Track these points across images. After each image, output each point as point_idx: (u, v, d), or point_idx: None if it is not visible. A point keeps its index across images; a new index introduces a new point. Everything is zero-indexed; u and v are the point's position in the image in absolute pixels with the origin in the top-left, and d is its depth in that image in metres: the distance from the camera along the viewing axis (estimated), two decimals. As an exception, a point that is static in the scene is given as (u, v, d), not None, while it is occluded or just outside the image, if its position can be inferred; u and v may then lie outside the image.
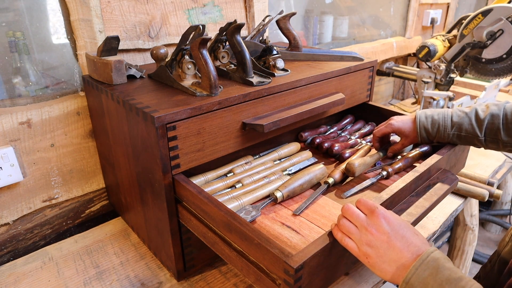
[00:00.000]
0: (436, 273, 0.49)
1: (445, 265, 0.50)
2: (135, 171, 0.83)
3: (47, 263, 0.93)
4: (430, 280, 0.48)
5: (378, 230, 0.55)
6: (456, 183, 0.84)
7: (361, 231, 0.56)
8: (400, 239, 0.54)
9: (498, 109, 0.82)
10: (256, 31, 1.08)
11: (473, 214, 1.49)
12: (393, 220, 0.56)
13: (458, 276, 0.48)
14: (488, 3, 2.73)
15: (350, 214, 0.58)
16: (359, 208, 0.59)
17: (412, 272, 0.50)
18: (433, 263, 0.50)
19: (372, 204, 0.58)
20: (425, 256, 0.51)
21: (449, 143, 0.89)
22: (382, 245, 0.54)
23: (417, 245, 0.53)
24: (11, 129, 0.89)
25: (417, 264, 0.50)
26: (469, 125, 0.84)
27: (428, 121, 0.88)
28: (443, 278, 0.48)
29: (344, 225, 0.58)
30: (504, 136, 0.81)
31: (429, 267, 0.50)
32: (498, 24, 1.52)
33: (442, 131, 0.86)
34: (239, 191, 0.82)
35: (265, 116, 0.84)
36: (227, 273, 0.88)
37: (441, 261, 0.50)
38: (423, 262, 0.50)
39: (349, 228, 0.57)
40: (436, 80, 1.81)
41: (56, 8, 0.93)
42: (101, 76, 0.87)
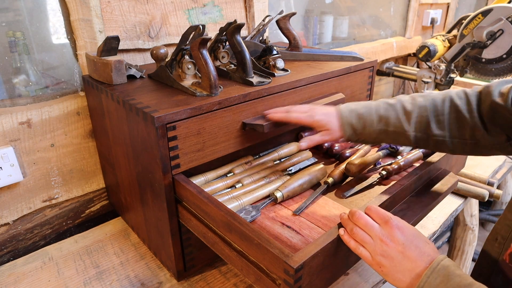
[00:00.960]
0: (447, 280, 0.50)
1: (455, 272, 0.51)
2: (135, 171, 0.83)
3: (47, 263, 0.93)
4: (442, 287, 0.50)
5: (393, 241, 0.55)
6: (456, 183, 0.84)
7: (375, 241, 0.56)
8: (414, 249, 0.55)
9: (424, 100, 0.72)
10: (256, 31, 1.08)
11: (473, 214, 1.49)
12: (407, 230, 0.56)
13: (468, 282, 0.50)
14: (488, 3, 2.73)
15: (364, 224, 0.58)
16: (370, 215, 0.59)
17: (424, 281, 0.51)
18: (444, 271, 0.51)
19: (385, 214, 0.58)
20: (435, 265, 0.52)
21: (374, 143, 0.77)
22: (398, 256, 0.55)
23: (430, 254, 0.54)
24: (11, 129, 0.89)
25: (428, 272, 0.52)
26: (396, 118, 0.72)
27: (352, 116, 0.75)
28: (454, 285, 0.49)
29: (357, 234, 0.58)
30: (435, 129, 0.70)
31: (440, 275, 0.51)
32: (498, 24, 1.52)
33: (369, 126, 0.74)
34: (239, 191, 0.82)
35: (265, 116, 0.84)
36: (227, 273, 0.88)
37: (451, 268, 0.52)
38: (434, 271, 0.52)
39: (363, 238, 0.58)
40: (436, 80, 1.81)
41: (56, 8, 0.93)
42: (101, 76, 0.87)
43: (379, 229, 0.57)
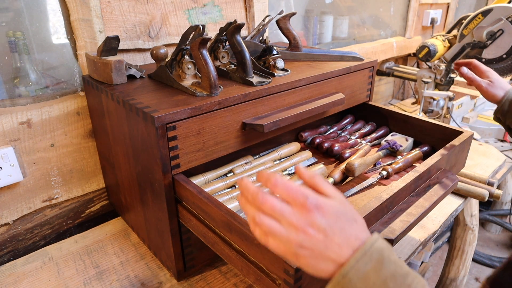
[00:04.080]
0: (380, 267, 0.41)
1: (391, 258, 0.43)
2: (135, 171, 0.83)
3: (47, 263, 0.93)
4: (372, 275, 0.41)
5: (312, 227, 0.43)
6: (456, 183, 0.84)
7: (288, 231, 0.43)
8: (339, 232, 0.44)
9: None
10: (256, 31, 1.08)
11: (473, 214, 1.49)
12: (328, 210, 0.44)
13: (404, 271, 0.42)
14: (488, 3, 2.73)
15: (271, 209, 0.44)
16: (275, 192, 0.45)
17: (352, 265, 0.42)
18: (377, 255, 0.42)
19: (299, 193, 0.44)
20: (368, 247, 0.43)
21: None
22: (319, 245, 0.43)
23: (358, 237, 0.44)
24: (11, 129, 0.89)
25: (358, 256, 0.42)
26: None
27: None
28: (387, 273, 0.41)
29: (263, 223, 0.45)
30: None
31: (372, 260, 0.42)
32: (498, 24, 1.52)
33: None
34: (239, 191, 0.82)
35: (265, 116, 0.84)
36: (227, 273, 0.88)
37: (386, 253, 0.43)
38: (366, 254, 0.42)
39: (271, 228, 0.44)
40: (436, 80, 1.81)
41: (56, 8, 0.93)
42: (101, 76, 0.87)
43: (292, 214, 0.44)
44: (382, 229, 0.67)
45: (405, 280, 0.41)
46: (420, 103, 1.89)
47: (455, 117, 1.72)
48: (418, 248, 0.97)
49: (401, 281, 0.41)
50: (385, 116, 1.15)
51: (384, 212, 0.70)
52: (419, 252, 0.98)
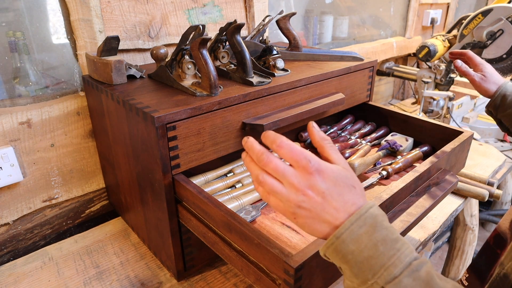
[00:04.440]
0: (373, 231, 0.43)
1: (383, 224, 0.44)
2: (135, 171, 0.83)
3: (47, 263, 0.93)
4: (365, 238, 0.43)
5: (312, 189, 0.45)
6: (456, 183, 0.84)
7: (289, 190, 0.45)
8: (337, 197, 0.45)
9: None
10: (256, 31, 1.08)
11: (473, 214, 1.49)
12: (328, 174, 0.46)
13: (394, 237, 0.44)
14: (488, 3, 2.73)
15: (274, 169, 0.46)
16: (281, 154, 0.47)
17: (347, 227, 0.44)
18: (371, 220, 0.44)
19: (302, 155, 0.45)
20: (363, 211, 0.45)
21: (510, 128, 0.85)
22: (317, 207, 0.45)
23: (355, 203, 0.46)
24: (11, 129, 0.89)
25: (353, 219, 0.44)
26: None
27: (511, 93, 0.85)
28: (379, 237, 0.43)
29: (266, 182, 0.46)
30: None
31: (366, 224, 0.44)
32: (498, 24, 1.52)
33: None
34: (239, 191, 0.82)
35: (265, 116, 0.84)
36: (227, 273, 0.88)
37: (380, 218, 0.45)
38: (360, 218, 0.44)
39: (273, 187, 0.46)
40: (436, 80, 1.81)
41: (56, 8, 0.93)
42: (101, 76, 0.87)
43: (294, 175, 0.45)
44: (382, 229, 0.67)
45: (394, 245, 0.43)
46: (420, 103, 1.89)
47: (455, 117, 1.72)
48: (418, 248, 0.97)
49: (391, 245, 0.43)
50: (385, 116, 1.15)
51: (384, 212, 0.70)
52: (419, 252, 0.98)
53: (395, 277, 0.41)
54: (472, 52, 0.97)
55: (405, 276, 0.41)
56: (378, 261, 0.42)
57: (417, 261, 0.43)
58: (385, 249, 0.43)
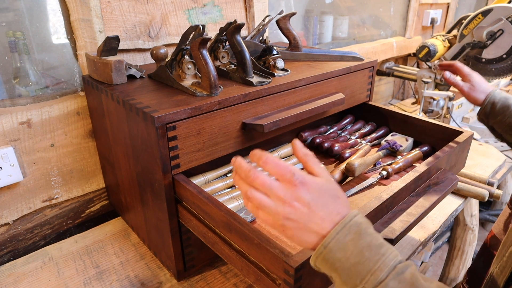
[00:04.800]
0: (358, 238, 0.45)
1: (368, 231, 0.47)
2: (135, 171, 0.83)
3: (47, 263, 0.93)
4: (351, 246, 0.45)
5: (298, 201, 0.47)
6: (456, 183, 0.84)
7: (276, 204, 0.48)
8: (322, 207, 0.48)
9: None
10: (256, 31, 1.08)
11: (473, 214, 1.49)
12: (313, 186, 0.48)
13: (379, 242, 0.46)
14: (488, 3, 2.73)
15: (261, 184, 0.49)
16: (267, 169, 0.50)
17: (333, 236, 0.46)
18: (356, 228, 0.46)
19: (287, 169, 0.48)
20: (348, 220, 0.47)
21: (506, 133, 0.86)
22: (303, 217, 0.47)
23: (340, 212, 0.48)
24: (11, 129, 0.89)
25: (338, 228, 0.46)
26: None
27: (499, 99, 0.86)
28: (364, 244, 0.45)
29: (254, 198, 0.49)
30: None
31: (351, 232, 0.46)
32: (498, 24, 1.52)
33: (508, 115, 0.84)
34: (239, 191, 0.82)
35: (265, 116, 0.84)
36: (227, 273, 0.88)
37: (364, 225, 0.47)
38: (345, 226, 0.46)
39: (261, 202, 0.49)
40: (436, 80, 1.81)
41: (56, 8, 0.93)
42: (101, 76, 0.87)
43: (280, 188, 0.48)
44: (382, 229, 0.67)
45: (379, 250, 0.45)
46: (420, 103, 1.89)
47: (455, 117, 1.72)
48: (418, 248, 0.97)
49: (376, 251, 0.45)
50: (385, 116, 1.15)
51: (384, 212, 0.70)
52: (419, 252, 0.98)
53: (382, 280, 0.43)
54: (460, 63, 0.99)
55: (390, 279, 0.43)
56: (365, 267, 0.44)
57: (402, 264, 0.45)
58: (371, 254, 0.44)
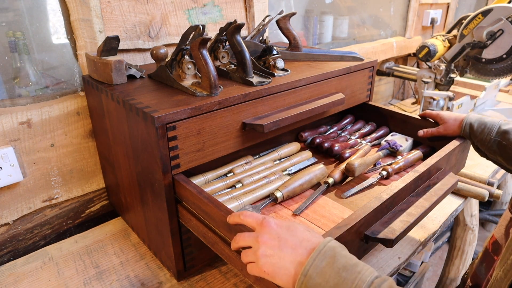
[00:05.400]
0: (333, 261, 0.48)
1: (342, 253, 0.49)
2: (135, 171, 0.83)
3: (47, 263, 0.93)
4: (328, 269, 0.47)
5: (269, 236, 0.52)
6: (456, 183, 0.84)
7: (254, 246, 0.53)
8: (291, 236, 0.52)
9: None
10: (256, 31, 1.08)
11: (473, 214, 1.49)
12: (281, 223, 0.54)
13: (353, 262, 0.48)
14: (488, 3, 2.73)
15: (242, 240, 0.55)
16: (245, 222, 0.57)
17: (310, 264, 0.48)
18: (330, 252, 0.49)
19: (258, 215, 0.56)
20: (322, 247, 0.50)
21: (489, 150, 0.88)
22: (275, 249, 0.51)
23: (310, 240, 0.52)
24: (11, 129, 0.89)
25: (314, 255, 0.49)
26: None
27: (476, 120, 0.89)
28: (340, 265, 0.47)
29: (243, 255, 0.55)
30: None
31: (326, 257, 0.48)
32: (498, 24, 1.52)
33: (486, 133, 0.86)
34: (239, 191, 0.82)
35: (265, 116, 0.84)
36: (227, 273, 0.88)
37: (338, 249, 0.50)
38: (320, 253, 0.49)
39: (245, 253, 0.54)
40: (436, 80, 1.81)
41: (56, 8, 0.93)
42: (101, 76, 0.87)
43: (254, 233, 0.54)
44: (382, 229, 0.67)
45: (355, 269, 0.47)
46: (420, 103, 1.89)
47: (455, 117, 1.71)
48: (418, 248, 0.97)
49: (352, 270, 0.47)
50: (385, 116, 1.15)
51: (384, 212, 0.70)
52: (419, 252, 0.98)
53: None
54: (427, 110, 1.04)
55: None
56: (344, 286, 0.46)
57: (379, 279, 0.46)
58: (347, 274, 0.47)
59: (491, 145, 0.86)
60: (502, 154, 0.85)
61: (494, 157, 0.88)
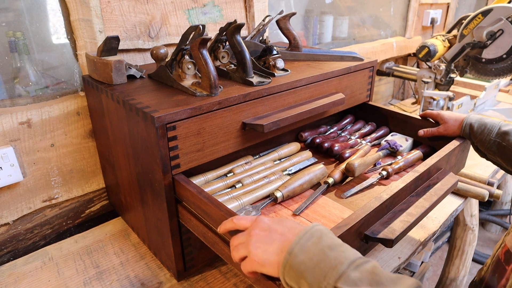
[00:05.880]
0: (319, 241, 0.48)
1: (328, 235, 0.50)
2: (135, 171, 0.83)
3: (47, 263, 0.93)
4: (313, 248, 0.48)
5: (260, 228, 0.54)
6: (456, 183, 0.84)
7: (246, 240, 0.54)
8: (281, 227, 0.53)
9: None
10: (256, 31, 1.08)
11: (473, 214, 1.49)
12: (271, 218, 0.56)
13: (339, 243, 0.49)
14: (488, 3, 2.73)
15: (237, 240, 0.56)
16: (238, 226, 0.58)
17: (296, 242, 0.49)
18: (317, 233, 0.50)
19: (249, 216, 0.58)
20: (309, 228, 0.51)
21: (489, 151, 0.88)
22: (266, 239, 0.52)
23: (299, 227, 0.53)
24: (11, 129, 0.89)
25: (301, 234, 0.50)
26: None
27: (476, 121, 0.89)
28: (325, 244, 0.48)
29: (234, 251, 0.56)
30: None
31: (313, 236, 0.49)
32: (498, 24, 1.52)
33: (486, 133, 0.86)
34: (239, 191, 0.82)
35: (265, 116, 0.84)
36: (227, 273, 0.88)
37: (325, 231, 0.51)
38: (307, 233, 0.50)
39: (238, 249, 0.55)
40: (436, 80, 1.81)
41: (56, 8, 0.93)
42: (101, 76, 0.87)
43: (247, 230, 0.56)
44: (382, 229, 0.67)
45: (339, 248, 0.48)
46: (420, 103, 1.89)
47: (455, 117, 1.71)
48: (418, 248, 0.97)
49: (336, 249, 0.48)
50: (385, 116, 1.15)
51: (384, 212, 0.70)
52: (419, 252, 0.98)
53: (343, 272, 0.44)
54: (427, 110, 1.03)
55: (351, 271, 0.44)
56: (327, 264, 0.46)
57: (362, 259, 0.46)
58: (331, 252, 0.47)
59: (490, 146, 0.86)
60: (502, 155, 0.85)
61: (493, 157, 0.88)
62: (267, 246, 0.51)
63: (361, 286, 0.43)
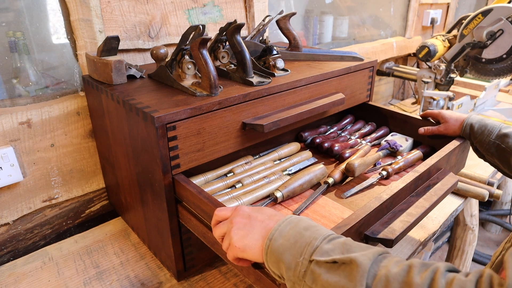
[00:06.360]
0: (295, 225, 0.51)
1: (305, 219, 0.52)
2: (135, 171, 0.83)
3: (47, 263, 0.93)
4: (291, 231, 0.50)
5: (241, 217, 0.55)
6: (456, 183, 0.84)
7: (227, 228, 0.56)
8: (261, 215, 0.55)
9: None
10: (256, 31, 1.08)
11: (473, 214, 1.49)
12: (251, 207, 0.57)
13: (314, 224, 0.51)
14: (488, 3, 2.73)
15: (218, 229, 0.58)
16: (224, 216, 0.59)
17: (276, 229, 0.51)
18: (296, 220, 0.52)
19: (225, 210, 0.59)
20: (289, 216, 0.53)
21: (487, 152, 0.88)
22: (246, 226, 0.54)
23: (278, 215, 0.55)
24: (11, 129, 0.89)
25: (281, 221, 0.52)
26: None
27: (477, 121, 0.90)
28: (302, 226, 0.50)
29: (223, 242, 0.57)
30: None
31: (291, 222, 0.52)
32: (498, 24, 1.52)
33: (486, 134, 0.86)
34: (239, 191, 0.82)
35: (265, 116, 0.84)
36: (227, 273, 0.88)
37: (304, 218, 0.53)
38: (287, 220, 0.52)
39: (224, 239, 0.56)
40: (436, 80, 1.81)
41: (56, 8, 0.93)
42: (101, 76, 0.87)
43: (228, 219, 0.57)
44: (382, 229, 0.67)
45: (315, 228, 0.50)
46: (420, 103, 1.89)
47: (455, 117, 1.71)
48: (418, 248, 0.97)
49: (312, 229, 0.50)
50: (385, 116, 1.15)
51: (384, 212, 0.70)
52: (419, 252, 0.98)
53: (317, 247, 0.47)
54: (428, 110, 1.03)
55: (324, 244, 0.47)
56: (303, 242, 0.48)
57: (335, 235, 0.49)
58: (307, 232, 0.49)
59: (489, 147, 0.86)
60: (500, 157, 0.85)
61: (491, 159, 0.88)
62: (247, 232, 0.53)
63: (333, 254, 0.45)
